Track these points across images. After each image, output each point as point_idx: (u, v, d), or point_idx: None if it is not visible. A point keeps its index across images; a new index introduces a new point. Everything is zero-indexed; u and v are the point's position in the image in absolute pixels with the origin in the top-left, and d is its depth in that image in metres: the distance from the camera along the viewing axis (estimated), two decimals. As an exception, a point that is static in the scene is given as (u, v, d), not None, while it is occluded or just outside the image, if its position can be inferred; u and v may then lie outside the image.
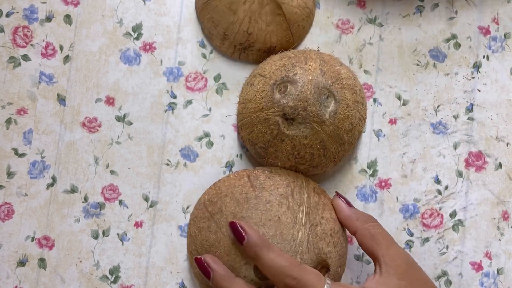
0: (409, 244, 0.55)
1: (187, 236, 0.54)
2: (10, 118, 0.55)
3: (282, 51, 0.55)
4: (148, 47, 0.56)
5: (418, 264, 0.48)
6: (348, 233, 0.54)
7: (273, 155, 0.51)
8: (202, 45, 0.57)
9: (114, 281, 0.54)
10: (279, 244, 0.48)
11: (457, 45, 0.57)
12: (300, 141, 0.49)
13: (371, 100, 0.56)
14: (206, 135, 0.56)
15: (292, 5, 0.53)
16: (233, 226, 0.47)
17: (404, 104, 0.56)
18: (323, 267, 0.49)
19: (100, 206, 0.55)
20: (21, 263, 0.54)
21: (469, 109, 0.56)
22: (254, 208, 0.49)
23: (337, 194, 0.52)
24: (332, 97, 0.50)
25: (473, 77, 0.57)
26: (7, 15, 0.56)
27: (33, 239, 0.54)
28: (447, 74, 0.57)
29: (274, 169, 0.52)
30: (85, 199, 0.55)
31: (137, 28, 0.56)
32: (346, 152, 0.52)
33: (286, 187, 0.50)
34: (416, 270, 0.47)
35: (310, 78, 0.49)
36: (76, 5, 0.57)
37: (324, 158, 0.51)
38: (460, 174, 0.56)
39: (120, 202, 0.55)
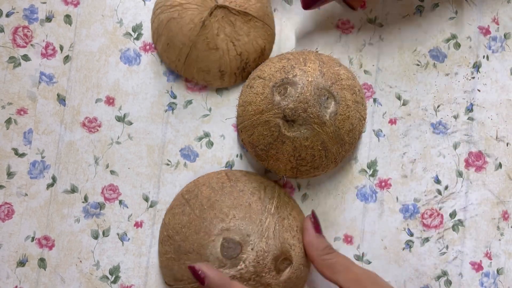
0: (409, 244, 0.55)
1: (160, 227, 0.54)
2: (10, 118, 0.55)
3: (282, 54, 0.55)
4: (148, 47, 0.56)
5: (382, 280, 0.48)
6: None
7: (274, 157, 0.51)
8: (202, 45, 0.57)
9: (114, 281, 0.54)
10: (248, 226, 0.49)
11: (457, 45, 0.57)
12: (301, 143, 0.49)
13: (371, 100, 0.56)
14: (206, 135, 0.56)
15: (252, 3, 0.53)
16: (191, 269, 0.46)
17: (404, 104, 0.56)
18: (286, 259, 0.50)
19: (100, 206, 0.55)
20: (21, 263, 0.54)
21: (469, 109, 0.56)
22: (228, 194, 0.52)
23: (312, 213, 0.51)
24: (332, 98, 0.50)
25: (473, 77, 0.57)
26: (7, 15, 0.56)
27: (33, 239, 0.54)
28: (447, 74, 0.57)
29: (251, 172, 0.54)
30: (85, 199, 0.55)
31: (137, 28, 0.56)
32: (346, 152, 0.52)
33: (259, 183, 0.53)
34: (380, 285, 0.48)
35: (309, 79, 0.49)
36: (76, 5, 0.56)
37: (325, 159, 0.51)
38: (460, 174, 0.56)
39: (120, 202, 0.55)
